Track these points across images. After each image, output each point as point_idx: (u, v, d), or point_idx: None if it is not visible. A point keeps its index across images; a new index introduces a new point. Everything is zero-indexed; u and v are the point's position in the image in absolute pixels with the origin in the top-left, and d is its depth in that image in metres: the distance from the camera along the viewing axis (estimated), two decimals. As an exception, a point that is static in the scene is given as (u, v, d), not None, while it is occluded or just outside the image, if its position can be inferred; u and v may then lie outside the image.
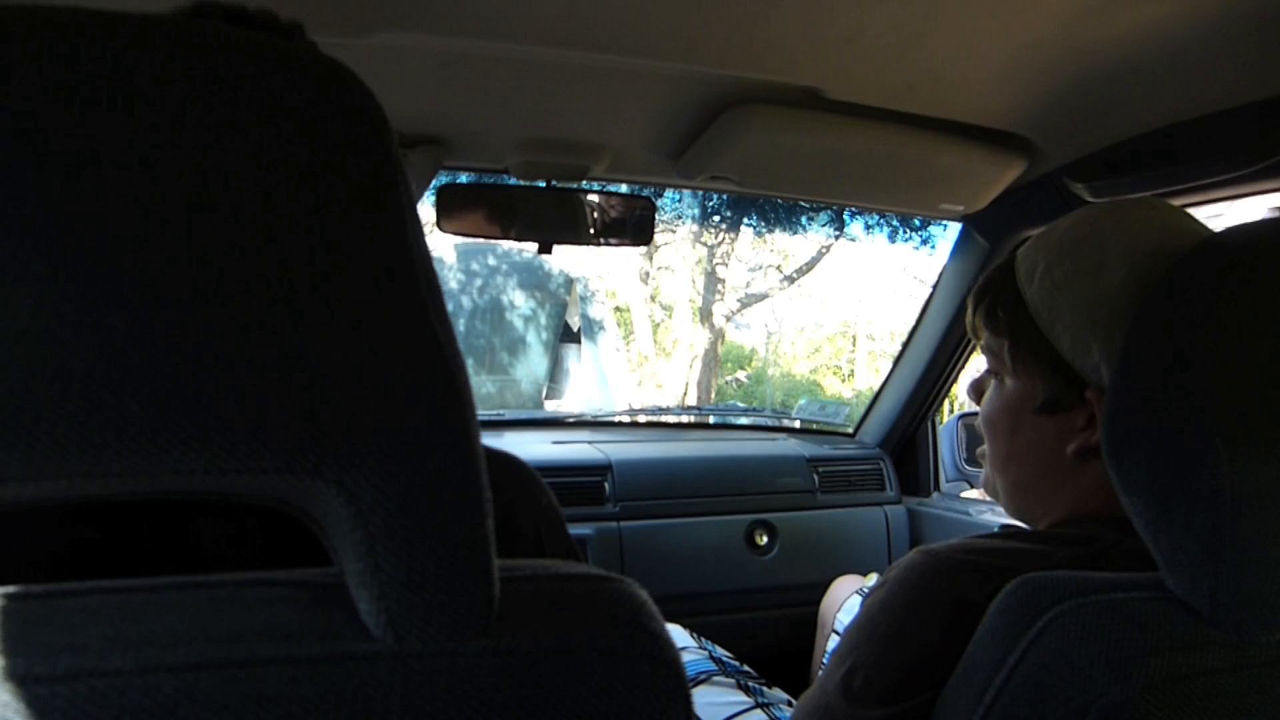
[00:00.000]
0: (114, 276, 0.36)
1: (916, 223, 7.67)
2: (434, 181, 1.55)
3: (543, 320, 8.29)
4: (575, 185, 1.60)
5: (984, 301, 0.91)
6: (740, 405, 11.12)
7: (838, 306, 13.05)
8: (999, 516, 2.02)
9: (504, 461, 0.72)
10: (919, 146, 1.45)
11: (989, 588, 0.71)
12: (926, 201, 1.68)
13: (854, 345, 13.43)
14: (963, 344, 2.06)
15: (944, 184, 1.59)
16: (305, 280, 0.39)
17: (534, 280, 8.35)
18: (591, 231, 1.57)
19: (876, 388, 2.34)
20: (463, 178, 1.67)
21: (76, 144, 0.35)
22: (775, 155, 1.47)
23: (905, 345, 2.22)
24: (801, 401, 10.75)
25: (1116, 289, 0.78)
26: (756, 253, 11.16)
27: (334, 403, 0.39)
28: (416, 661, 0.41)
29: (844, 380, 13.20)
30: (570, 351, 8.50)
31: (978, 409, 0.98)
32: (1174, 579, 0.62)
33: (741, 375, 11.90)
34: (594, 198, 1.60)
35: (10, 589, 0.41)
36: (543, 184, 1.59)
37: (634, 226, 1.60)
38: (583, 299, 8.79)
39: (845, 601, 1.74)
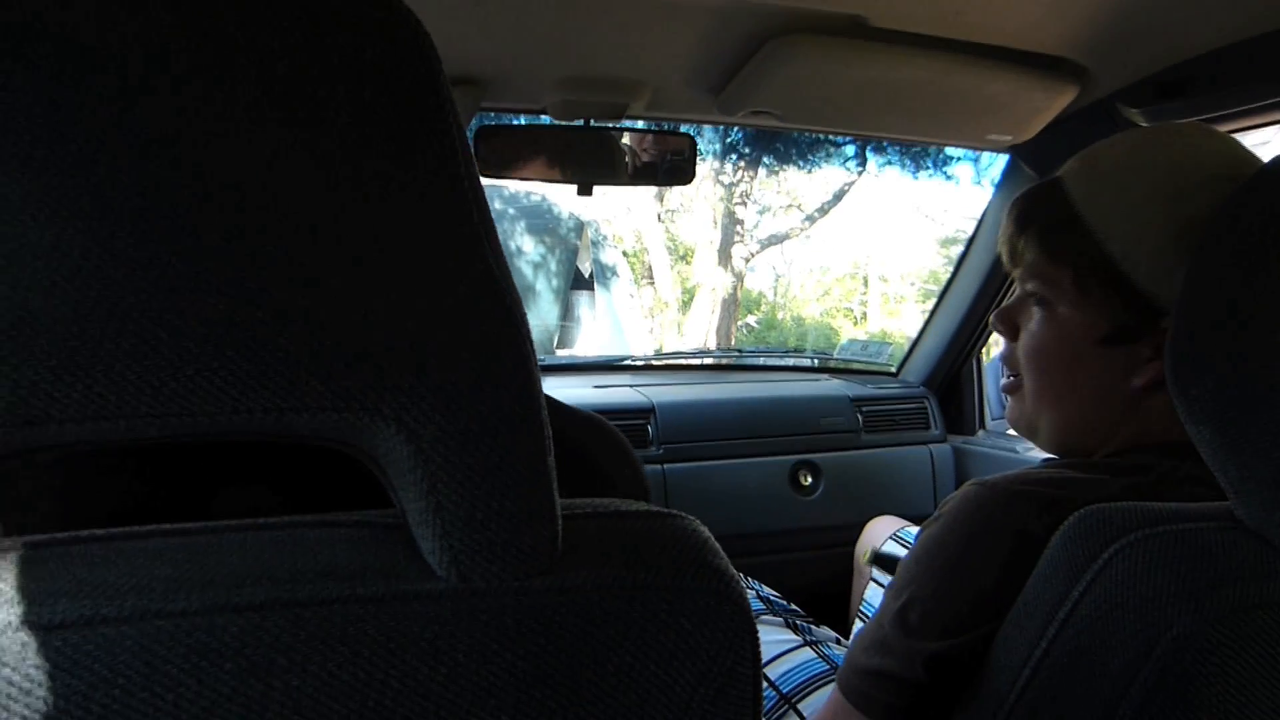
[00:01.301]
0: (165, 213, 0.35)
1: (941, 158, 7.53)
2: (471, 124, 1.54)
3: (553, 266, 8.20)
4: (614, 124, 1.58)
5: (1032, 226, 0.86)
6: (781, 348, 11.05)
7: (848, 248, 12.85)
8: (1045, 454, 1.99)
9: (596, 424, 0.71)
10: (966, 75, 1.40)
11: (1048, 519, 0.70)
12: (973, 132, 1.64)
13: (865, 287, 13.22)
14: (1010, 279, 2.02)
15: (992, 113, 1.54)
16: (359, 214, 0.38)
17: (543, 225, 8.23)
18: (632, 171, 1.55)
19: (888, 329, 2.32)
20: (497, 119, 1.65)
21: (124, 76, 0.35)
22: (818, 87, 1.43)
23: (949, 282, 2.19)
24: (843, 342, 10.65)
25: (1202, 211, 0.75)
26: (776, 192, 10.87)
27: (391, 339, 0.39)
28: (481, 600, 0.41)
29: (856, 323, 13.01)
30: (582, 298, 8.42)
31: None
32: (1244, 509, 0.61)
33: (751, 320, 11.73)
34: (634, 136, 1.57)
35: (71, 534, 0.41)
36: (581, 124, 1.57)
37: (675, 164, 1.58)
38: (594, 244, 8.68)
39: (882, 543, 1.73)
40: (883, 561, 1.50)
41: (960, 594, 0.75)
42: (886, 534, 1.73)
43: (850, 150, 8.28)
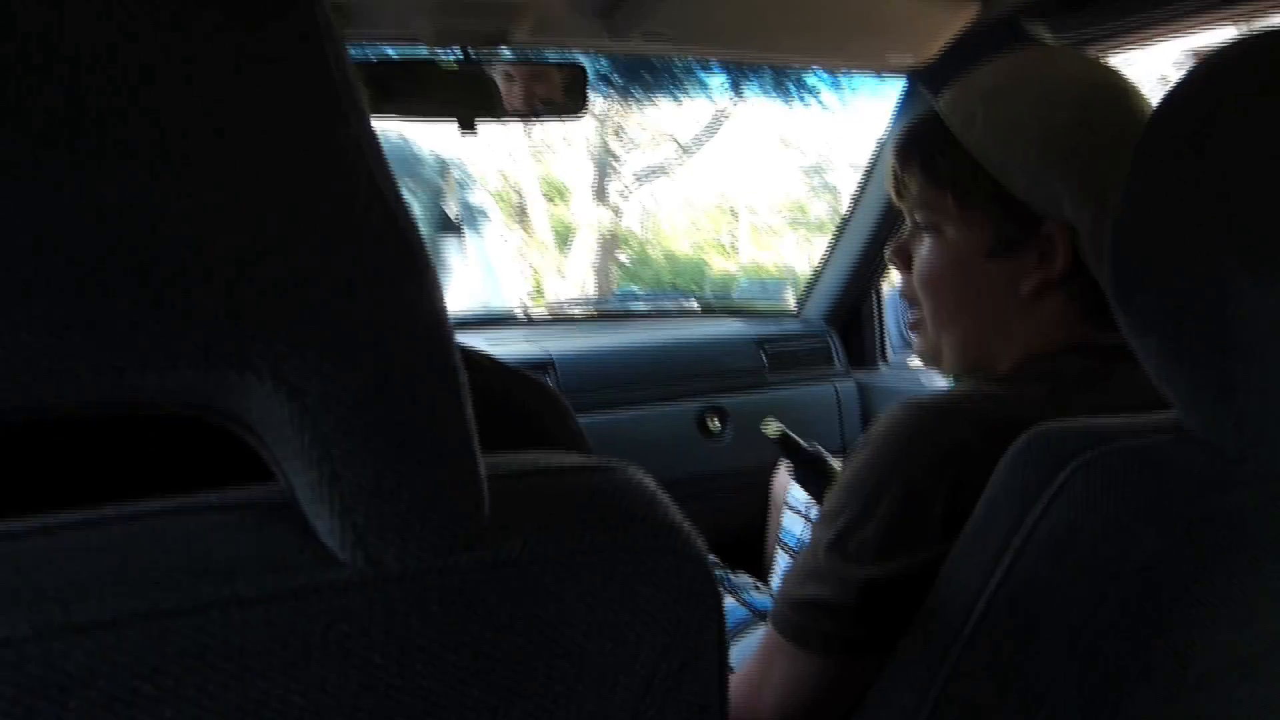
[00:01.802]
0: None
1: (811, 86, 7.60)
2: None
3: (416, 211, 7.95)
4: (496, 55, 1.46)
5: (915, 154, 0.89)
6: (677, 291, 11.03)
7: (715, 180, 12.88)
8: (949, 384, 2.00)
9: (534, 384, 0.65)
10: (866, -9, 1.35)
11: (982, 432, 0.70)
12: (873, 54, 1.59)
13: (735, 219, 13.34)
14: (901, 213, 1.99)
15: (892, 32, 1.50)
16: (203, 116, 0.29)
17: (403, 166, 7.98)
18: (518, 104, 1.44)
19: (759, 260, 2.30)
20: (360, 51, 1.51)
21: None
22: (713, 5, 1.36)
23: (846, 217, 2.15)
24: (742, 282, 10.72)
25: (1072, 119, 0.81)
26: (644, 126, 10.61)
27: (260, 273, 0.30)
28: (396, 586, 0.34)
29: (727, 255, 13.15)
30: (449, 244, 8.20)
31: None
32: (1195, 419, 0.59)
33: (623, 258, 11.65)
34: (517, 67, 1.45)
35: None
36: (460, 55, 1.44)
37: (565, 95, 1.47)
38: (460, 185, 8.46)
39: (791, 486, 1.71)
40: (788, 442, 1.46)
41: (894, 511, 0.72)
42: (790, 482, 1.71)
43: (723, 78, 8.23)
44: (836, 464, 1.42)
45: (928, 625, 0.67)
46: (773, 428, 1.46)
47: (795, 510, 1.66)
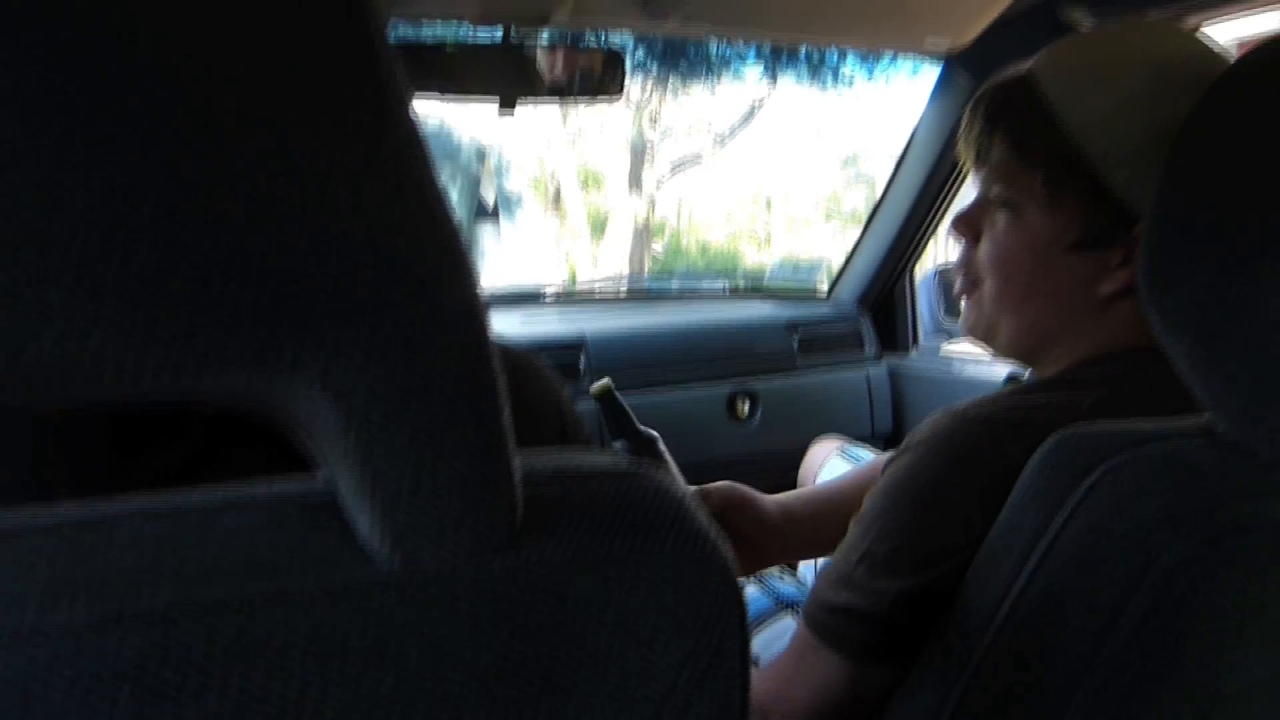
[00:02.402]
0: (12, 131, 0.28)
1: (848, 76, 7.53)
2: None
3: (454, 197, 7.98)
4: (538, 36, 1.47)
5: (1002, 125, 0.82)
6: (710, 272, 10.97)
7: (751, 171, 12.69)
8: (981, 369, 1.99)
9: (515, 357, 0.65)
10: (906, -27, 1.35)
11: (1026, 442, 0.66)
12: (911, 36, 1.59)
13: (769, 210, 13.21)
14: (944, 192, 1.99)
15: (931, 16, 1.50)
16: (261, 125, 0.31)
17: (442, 153, 7.98)
18: (559, 85, 1.45)
19: (794, 252, 2.29)
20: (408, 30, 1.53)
21: None
22: (754, -12, 1.36)
23: (881, 199, 2.15)
24: (774, 265, 10.65)
25: (1182, 114, 0.70)
26: (685, 113, 10.54)
27: (311, 279, 0.31)
28: (431, 587, 0.35)
29: (760, 247, 12.98)
30: (487, 230, 8.21)
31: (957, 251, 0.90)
32: (1227, 422, 0.58)
33: (656, 247, 11.55)
34: (558, 48, 1.47)
35: None
36: (501, 36, 1.46)
37: (604, 77, 1.47)
38: (498, 171, 8.46)
39: (826, 462, 1.71)
40: (614, 408, 1.18)
41: (935, 528, 0.71)
42: (830, 453, 1.72)
43: (760, 67, 8.18)
44: (670, 459, 1.19)
45: (952, 627, 0.66)
46: (600, 384, 1.18)
47: None
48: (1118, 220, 0.77)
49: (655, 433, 1.20)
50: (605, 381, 1.18)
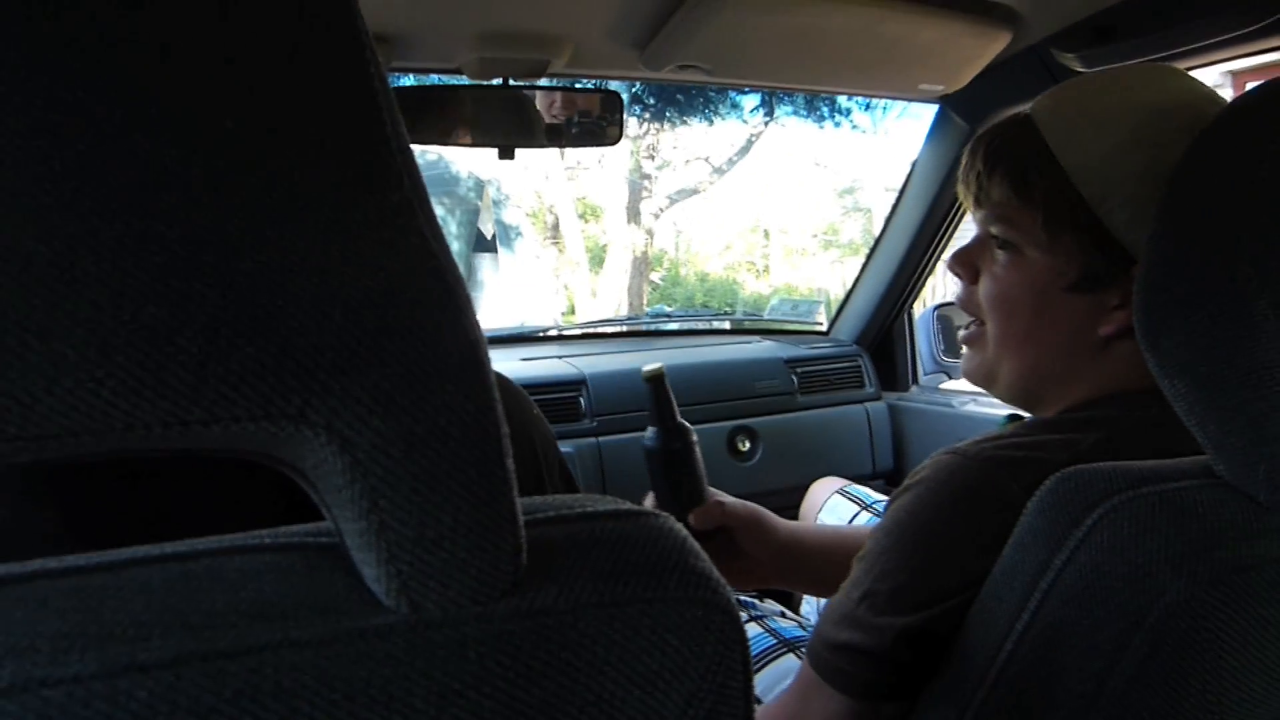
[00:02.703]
0: (25, 190, 0.28)
1: (844, 108, 7.59)
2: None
3: (453, 229, 7.94)
4: (535, 84, 1.49)
5: (1002, 166, 0.82)
6: (709, 310, 11.00)
7: (748, 201, 12.79)
8: (982, 407, 2.00)
9: (505, 379, 0.65)
10: (898, 22, 1.37)
11: (1027, 482, 0.66)
12: (905, 82, 1.61)
13: (767, 240, 13.27)
14: (941, 231, 2.01)
15: (924, 62, 1.51)
16: (269, 186, 0.31)
17: (440, 184, 7.96)
18: (556, 133, 1.47)
19: (791, 282, 2.30)
20: (410, 79, 1.55)
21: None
22: (748, 38, 1.38)
23: (879, 238, 2.17)
24: (773, 302, 10.67)
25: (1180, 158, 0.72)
26: (675, 146, 10.64)
27: (316, 331, 0.32)
28: (437, 632, 0.35)
29: (759, 276, 13.06)
30: (485, 261, 8.21)
31: (956, 291, 0.91)
32: (1225, 464, 0.58)
33: (655, 277, 11.61)
34: (556, 97, 1.49)
35: None
36: (499, 83, 1.48)
37: (601, 124, 1.50)
38: (496, 203, 8.47)
39: (826, 502, 1.71)
40: (661, 394, 1.18)
41: (937, 566, 0.72)
42: (831, 492, 1.71)
43: (756, 99, 8.24)
44: (699, 454, 1.20)
45: (955, 666, 0.67)
46: (653, 367, 1.19)
47: None
48: (1116, 261, 0.78)
49: (690, 425, 1.21)
50: (657, 365, 1.20)
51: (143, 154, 0.30)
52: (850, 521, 1.61)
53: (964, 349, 0.94)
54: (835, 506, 1.68)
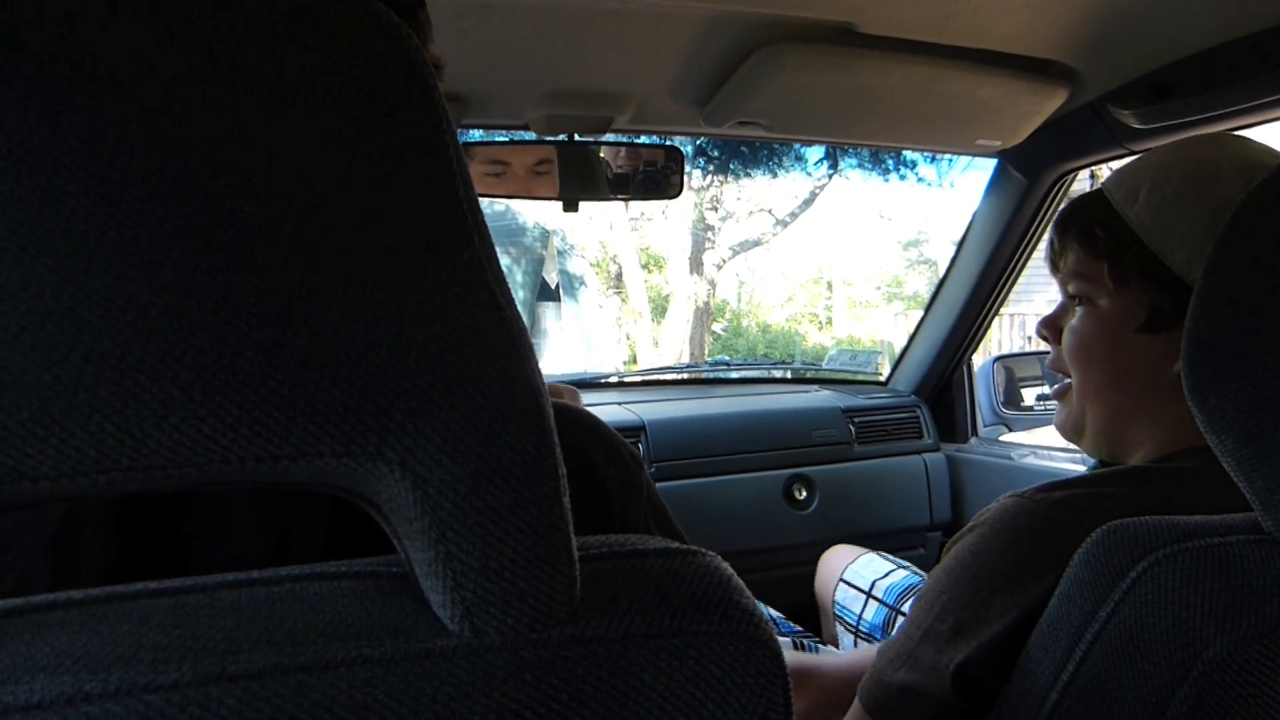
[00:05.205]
0: (143, 248, 0.32)
1: (909, 160, 7.57)
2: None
3: (518, 278, 8.06)
4: (599, 139, 1.55)
5: (1074, 226, 0.90)
6: (767, 360, 10.97)
7: (811, 252, 12.86)
8: (1041, 460, 1.98)
9: (575, 417, 0.67)
10: (956, 80, 1.39)
11: (1087, 531, 0.67)
12: (963, 138, 1.62)
13: (830, 291, 13.26)
14: (1000, 284, 2.01)
15: (982, 118, 1.53)
16: (354, 245, 0.35)
17: (508, 234, 8.10)
18: (618, 185, 1.52)
19: (854, 333, 2.30)
20: (477, 134, 1.62)
21: (97, 99, 0.31)
22: (807, 96, 1.41)
23: (938, 289, 2.17)
24: (832, 352, 10.61)
25: (1233, 195, 0.74)
26: (738, 199, 10.74)
27: (393, 377, 0.36)
28: (497, 655, 0.38)
29: (821, 328, 13.04)
30: (549, 310, 8.29)
31: (1043, 347, 0.96)
32: (1272, 520, 0.58)
33: (717, 328, 11.65)
34: (620, 150, 1.54)
35: (46, 598, 0.37)
36: (565, 138, 1.54)
37: (663, 178, 1.55)
38: (561, 253, 8.57)
39: (850, 564, 1.68)
40: None
41: (999, 609, 0.73)
42: (846, 563, 1.69)
43: (820, 152, 8.28)
44: None
45: (1002, 716, 0.67)
46: None
47: (854, 587, 1.63)
48: (1181, 299, 0.79)
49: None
50: None
51: (244, 217, 0.33)
52: (874, 583, 1.60)
53: (1055, 404, 0.99)
54: (858, 568, 1.65)
